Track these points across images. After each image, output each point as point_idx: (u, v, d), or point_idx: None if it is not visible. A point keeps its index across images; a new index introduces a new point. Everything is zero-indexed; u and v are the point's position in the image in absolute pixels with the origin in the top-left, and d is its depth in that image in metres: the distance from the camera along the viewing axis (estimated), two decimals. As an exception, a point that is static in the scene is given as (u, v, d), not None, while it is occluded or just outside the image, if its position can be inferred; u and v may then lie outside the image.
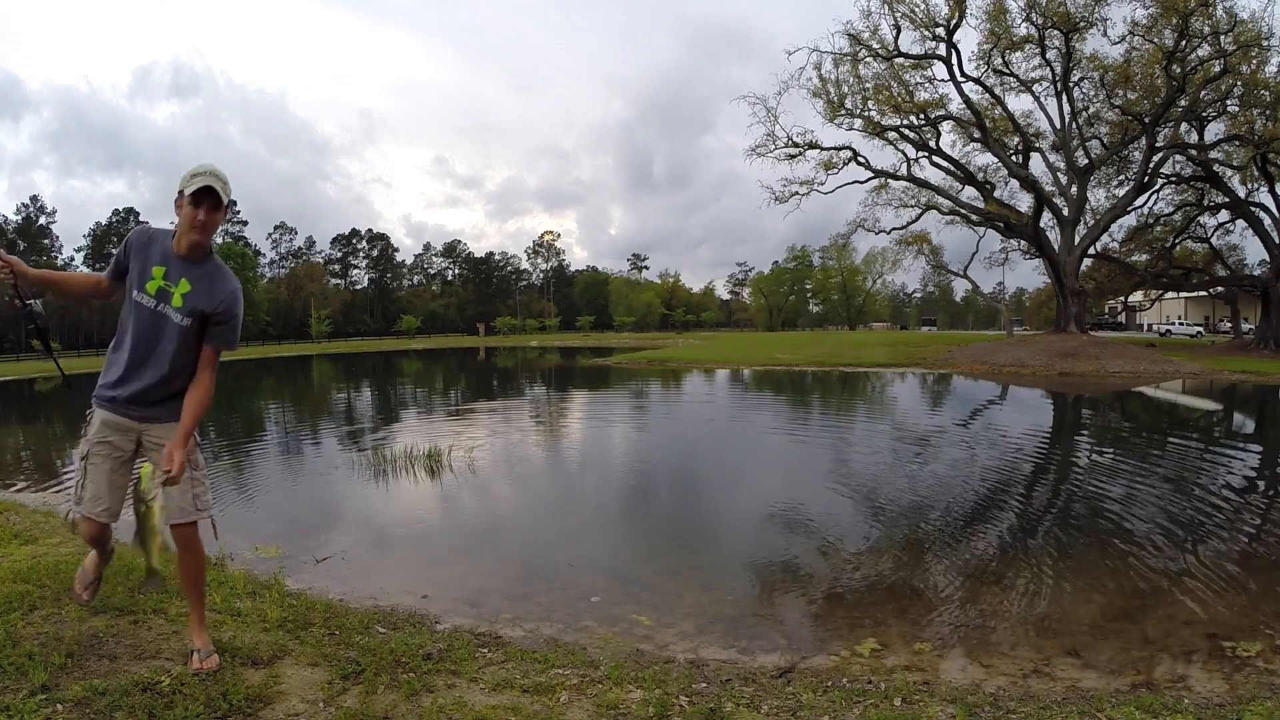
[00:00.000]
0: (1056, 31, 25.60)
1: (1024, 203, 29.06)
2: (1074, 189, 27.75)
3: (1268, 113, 23.55)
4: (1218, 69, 23.36)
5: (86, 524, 2.50)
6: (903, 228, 31.75)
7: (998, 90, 27.68)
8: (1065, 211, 27.47)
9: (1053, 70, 27.07)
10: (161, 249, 2.41)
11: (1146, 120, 24.94)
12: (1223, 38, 23.04)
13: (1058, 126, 28.01)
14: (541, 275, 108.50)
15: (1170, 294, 41.01)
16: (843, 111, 28.19)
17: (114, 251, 2.53)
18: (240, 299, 2.49)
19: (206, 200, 2.32)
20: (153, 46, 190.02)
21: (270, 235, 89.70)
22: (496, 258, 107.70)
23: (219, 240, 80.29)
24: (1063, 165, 28.32)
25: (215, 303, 2.42)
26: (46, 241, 72.37)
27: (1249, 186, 27.53)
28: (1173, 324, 49.35)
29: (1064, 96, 27.44)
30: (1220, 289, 33.98)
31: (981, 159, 29.91)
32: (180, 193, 2.34)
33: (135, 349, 2.44)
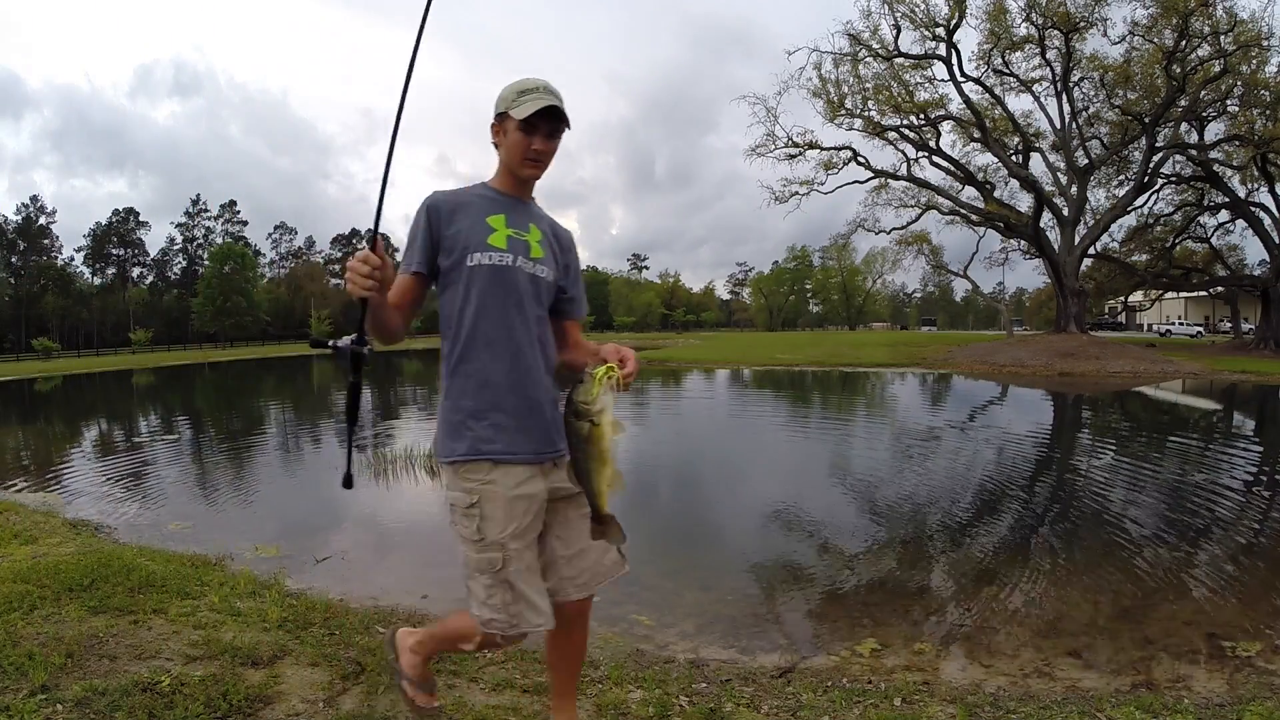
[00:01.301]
0: (1056, 31, 25.62)
1: (1024, 203, 29.09)
2: (1074, 189, 27.76)
3: (1268, 113, 23.55)
4: (1218, 69, 23.37)
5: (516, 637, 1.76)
6: (903, 228, 31.79)
7: (998, 90, 27.73)
8: (1065, 211, 27.48)
9: (1053, 70, 27.10)
10: (481, 197, 1.79)
11: (1146, 120, 24.95)
12: (1223, 38, 23.05)
13: (1058, 126, 28.03)
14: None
15: (1170, 294, 41.04)
16: (843, 111, 28.21)
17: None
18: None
19: (545, 124, 1.72)
20: (154, 45, 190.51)
21: (270, 235, 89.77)
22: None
23: (218, 240, 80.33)
24: (1063, 165, 28.33)
25: (568, 254, 1.89)
26: (46, 241, 72.35)
27: (1249, 186, 27.56)
28: (1173, 324, 49.35)
29: (1064, 96, 27.46)
30: (1220, 289, 34.00)
31: (981, 159, 29.94)
32: (502, 116, 1.74)
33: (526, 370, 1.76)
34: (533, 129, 1.71)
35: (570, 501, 1.79)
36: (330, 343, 1.69)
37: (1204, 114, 25.53)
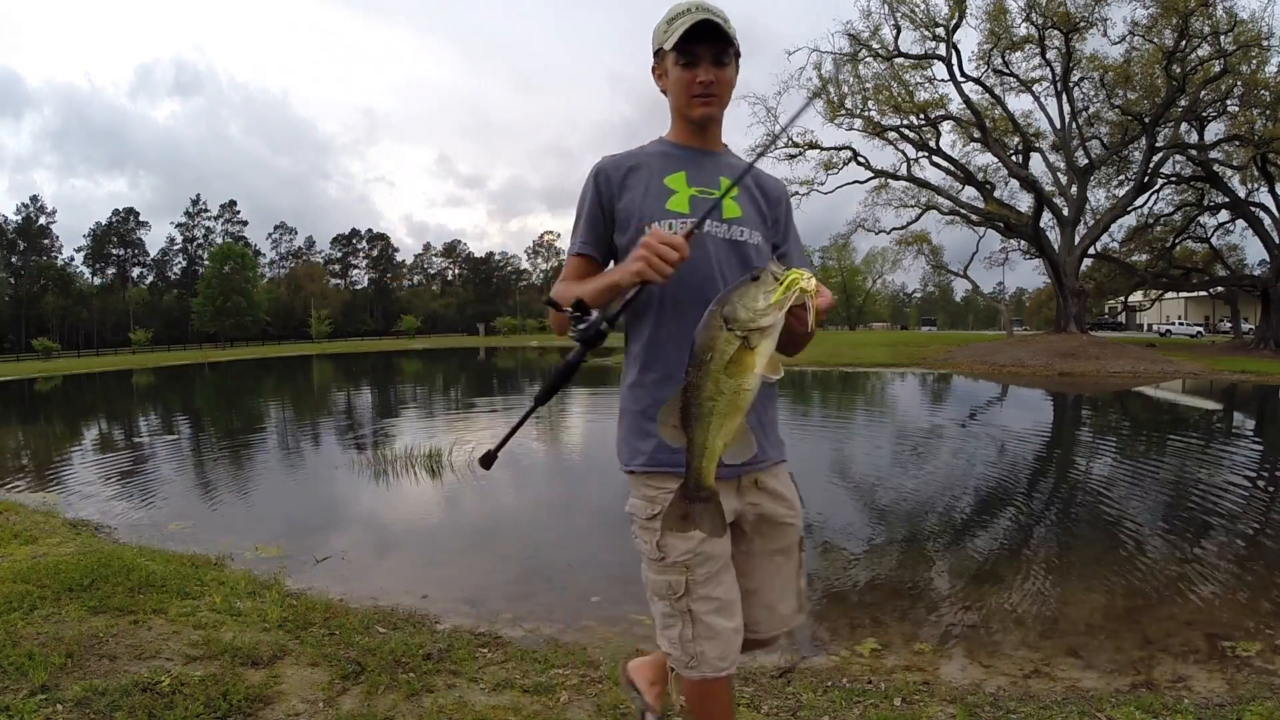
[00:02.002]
0: (1056, 31, 25.62)
1: (1024, 203, 29.09)
2: (1074, 189, 27.76)
3: (1268, 113, 23.56)
4: (1218, 69, 23.37)
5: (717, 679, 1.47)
6: (903, 228, 31.78)
7: (998, 90, 27.73)
8: (1065, 211, 27.48)
9: (1053, 70, 27.10)
10: (656, 154, 1.51)
11: (1146, 120, 24.95)
12: (1223, 38, 23.06)
13: (1058, 126, 28.03)
14: (541, 275, 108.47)
15: (1170, 294, 41.05)
16: (843, 111, 28.21)
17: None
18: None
19: (707, 49, 1.39)
20: (154, 44, 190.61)
21: (270, 235, 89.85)
22: (496, 258, 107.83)
23: (218, 240, 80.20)
24: (1063, 165, 28.34)
25: (777, 207, 1.54)
26: (46, 241, 72.38)
27: (1249, 186, 27.57)
28: (1173, 324, 49.36)
29: (1064, 96, 27.46)
30: (1220, 289, 34.01)
31: (981, 159, 29.93)
32: (659, 54, 1.47)
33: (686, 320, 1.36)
34: (694, 59, 1.40)
35: (760, 525, 1.52)
36: (587, 314, 1.31)
37: (1204, 114, 25.54)
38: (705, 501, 1.20)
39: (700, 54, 1.40)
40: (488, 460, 1.44)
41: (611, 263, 1.52)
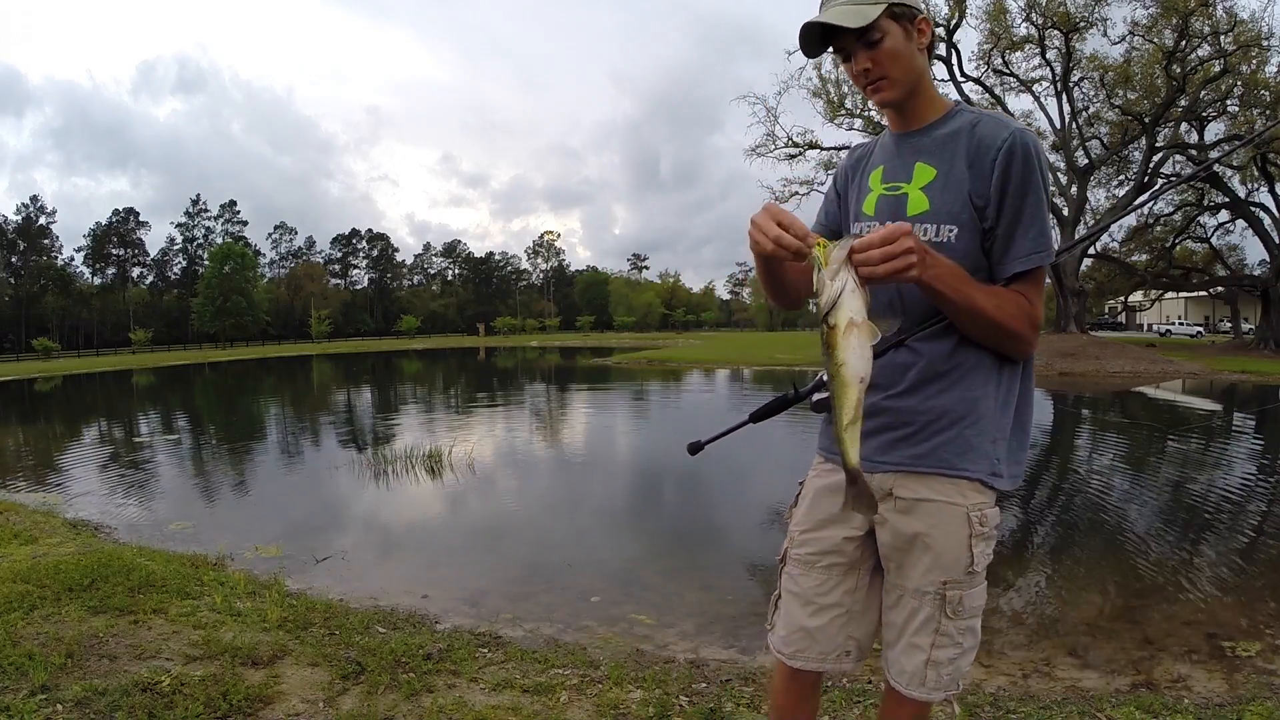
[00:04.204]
0: (1056, 31, 25.60)
1: (1024, 203, 29.05)
2: (1074, 189, 27.76)
3: (1268, 113, 23.55)
4: (1218, 69, 23.37)
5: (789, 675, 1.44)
6: (903, 228, 31.71)
7: (998, 90, 27.71)
8: (1065, 211, 27.48)
9: (1053, 70, 27.08)
10: (877, 146, 1.41)
11: (1146, 120, 24.94)
12: (1223, 38, 23.05)
13: (1058, 126, 28.02)
14: (541, 275, 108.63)
15: (1170, 294, 41.06)
16: (843, 111, 28.19)
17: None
18: (1035, 149, 1.19)
19: (851, 41, 1.23)
20: (157, 41, 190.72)
21: (270, 235, 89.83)
22: (496, 258, 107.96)
23: (218, 240, 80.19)
24: (1063, 165, 28.33)
25: (985, 179, 1.20)
26: (46, 241, 72.38)
27: (1249, 186, 27.57)
28: (1173, 324, 49.38)
29: (1064, 96, 27.45)
30: (1220, 289, 34.01)
31: (981, 159, 29.85)
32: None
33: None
34: (846, 55, 1.27)
35: (892, 547, 1.30)
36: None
37: (1204, 114, 25.54)
38: (854, 482, 1.13)
39: (851, 49, 1.24)
40: (696, 448, 1.50)
41: None
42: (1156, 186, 28.00)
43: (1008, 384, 1.25)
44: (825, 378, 1.17)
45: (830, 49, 1.28)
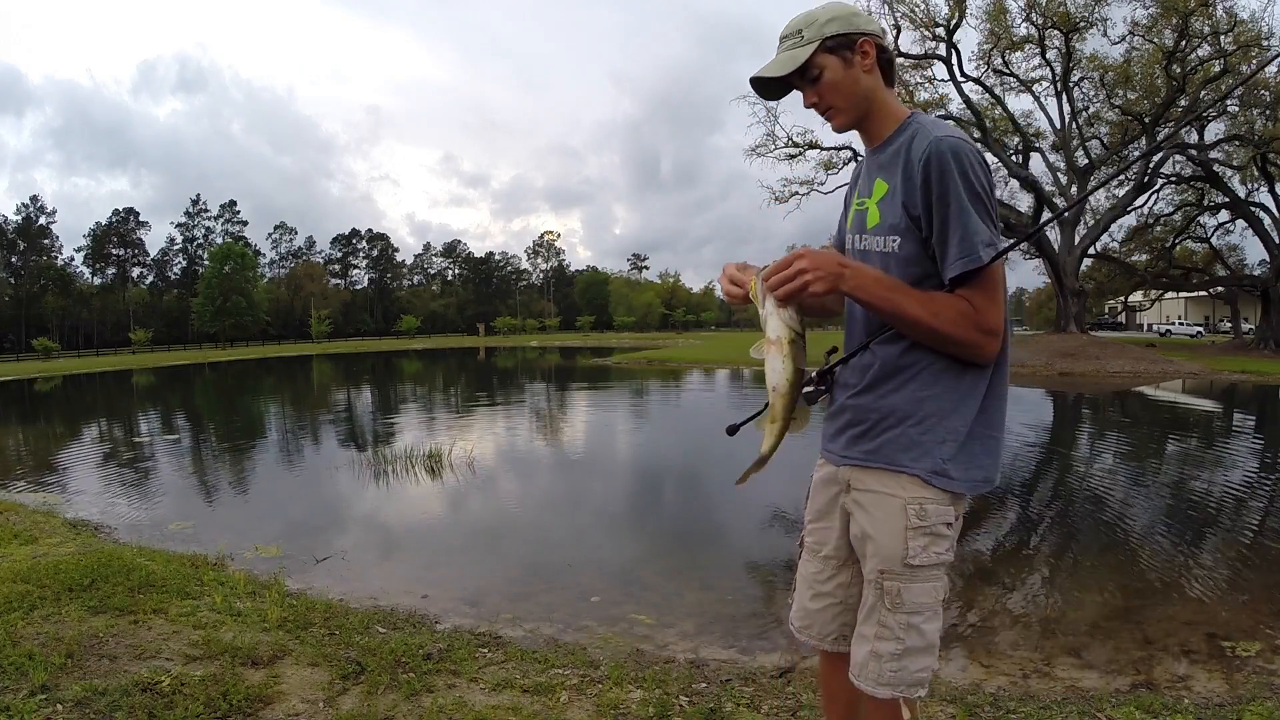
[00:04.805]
0: (1056, 31, 25.60)
1: (1024, 203, 29.07)
2: (1074, 189, 27.75)
3: (1268, 113, 23.55)
4: (1218, 69, 23.36)
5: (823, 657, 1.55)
6: (903, 228, 31.67)
7: (998, 90, 27.68)
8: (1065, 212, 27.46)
9: (1053, 70, 27.07)
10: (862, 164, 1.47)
11: (1146, 120, 24.94)
12: (1223, 38, 23.05)
13: (1058, 126, 28.02)
14: (541, 275, 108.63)
15: (1170, 294, 41.07)
16: (842, 112, 28.14)
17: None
18: (951, 153, 1.20)
19: (798, 80, 1.34)
20: (157, 40, 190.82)
21: (270, 235, 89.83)
22: (496, 257, 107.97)
23: (218, 240, 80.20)
24: (1063, 165, 28.32)
25: (916, 191, 1.24)
26: (46, 241, 72.36)
27: (1249, 186, 27.57)
28: (1173, 324, 49.38)
29: (1064, 96, 27.45)
30: (1220, 289, 34.00)
31: (981, 159, 29.84)
32: None
33: (847, 335, 1.44)
34: (799, 87, 1.37)
35: (858, 538, 1.42)
36: None
37: (1204, 114, 25.53)
38: (758, 465, 1.34)
39: (799, 85, 1.36)
40: (733, 430, 1.52)
41: None
42: (1133, 155, 27.95)
43: (968, 387, 1.28)
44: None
45: (789, 91, 1.39)
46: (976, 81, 27.26)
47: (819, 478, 1.49)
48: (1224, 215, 30.25)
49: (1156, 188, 29.08)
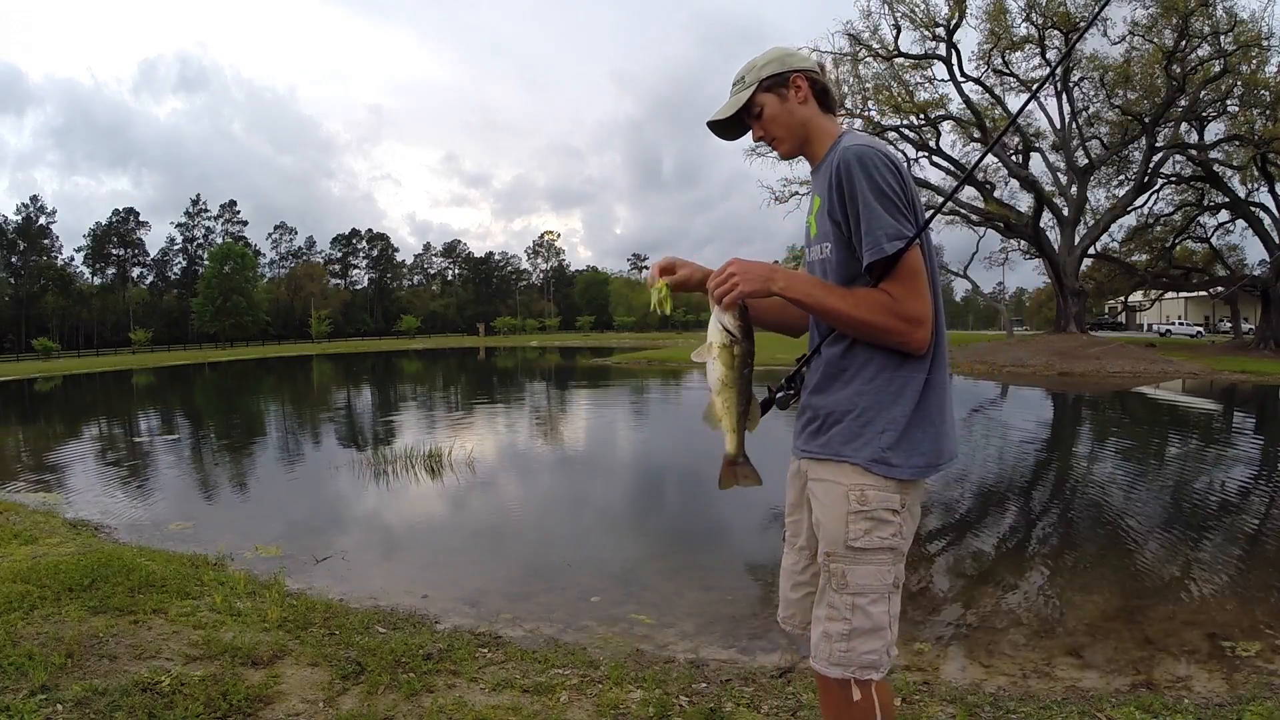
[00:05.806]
0: (1056, 31, 25.59)
1: (1024, 203, 29.07)
2: (1074, 189, 27.75)
3: (1268, 113, 23.54)
4: (1218, 69, 23.36)
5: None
6: (903, 227, 31.64)
7: (998, 90, 27.69)
8: (1065, 211, 27.48)
9: (1053, 70, 27.06)
10: None
11: (1146, 120, 24.94)
12: (1223, 38, 23.04)
13: (1058, 126, 28.02)
14: (541, 275, 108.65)
15: (1170, 294, 41.03)
16: (842, 111, 28.11)
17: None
18: (855, 159, 1.31)
19: (746, 115, 1.50)
20: (158, 40, 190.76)
21: (270, 235, 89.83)
22: (496, 257, 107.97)
23: (218, 240, 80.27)
24: (1063, 165, 28.33)
25: (831, 185, 1.35)
26: (46, 241, 72.36)
27: (1249, 186, 27.53)
28: (1173, 324, 49.34)
29: (1064, 96, 27.45)
30: (1220, 289, 33.97)
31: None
32: None
33: (809, 343, 1.56)
34: (749, 124, 1.53)
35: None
36: None
37: (1204, 114, 25.53)
38: (729, 464, 1.50)
39: (748, 120, 1.52)
40: (767, 405, 1.59)
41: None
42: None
43: (905, 379, 1.36)
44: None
45: (745, 130, 1.55)
46: (976, 81, 27.28)
47: (790, 472, 1.58)
48: (1224, 215, 30.23)
49: (1156, 188, 29.09)
